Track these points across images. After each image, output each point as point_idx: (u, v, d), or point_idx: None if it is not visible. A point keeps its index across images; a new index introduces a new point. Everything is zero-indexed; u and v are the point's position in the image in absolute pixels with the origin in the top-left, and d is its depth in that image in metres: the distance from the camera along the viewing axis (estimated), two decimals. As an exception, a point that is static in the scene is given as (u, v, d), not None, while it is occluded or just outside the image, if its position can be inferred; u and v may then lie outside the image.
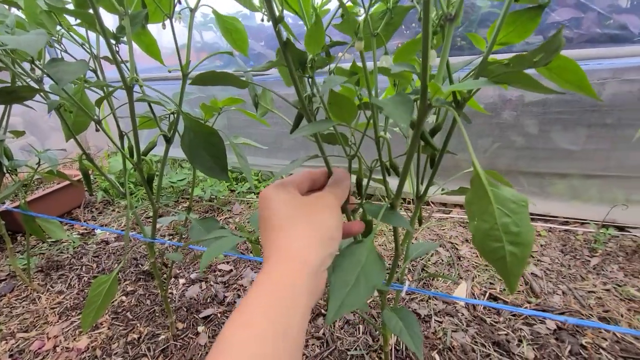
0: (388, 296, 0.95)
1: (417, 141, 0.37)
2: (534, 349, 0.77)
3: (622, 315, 0.87)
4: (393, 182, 0.46)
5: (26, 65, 0.59)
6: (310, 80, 0.44)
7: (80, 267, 1.23)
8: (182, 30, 0.61)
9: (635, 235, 1.18)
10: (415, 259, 1.16)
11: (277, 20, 0.38)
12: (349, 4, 0.44)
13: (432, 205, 1.49)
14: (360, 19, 0.39)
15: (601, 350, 0.76)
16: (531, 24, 0.41)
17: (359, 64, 0.42)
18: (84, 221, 1.57)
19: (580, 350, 0.76)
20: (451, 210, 1.46)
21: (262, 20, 0.41)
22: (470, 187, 0.32)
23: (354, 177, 0.48)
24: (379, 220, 0.41)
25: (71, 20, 0.61)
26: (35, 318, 1.00)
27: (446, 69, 0.41)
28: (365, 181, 0.49)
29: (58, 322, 0.98)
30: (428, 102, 0.33)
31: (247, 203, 1.64)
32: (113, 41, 0.58)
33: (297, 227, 0.30)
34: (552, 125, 1.23)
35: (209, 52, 1.81)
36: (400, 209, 1.43)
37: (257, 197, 1.72)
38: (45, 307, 1.04)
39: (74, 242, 1.36)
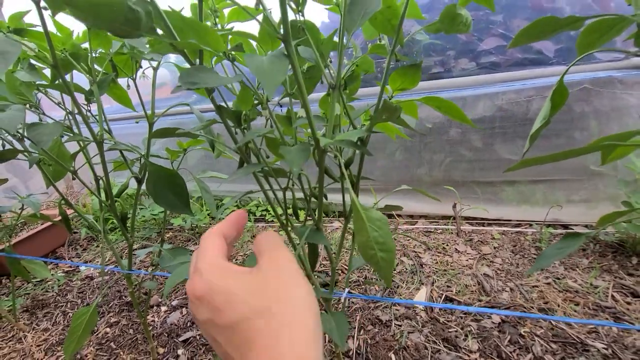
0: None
1: (322, 176, 0.48)
2: (478, 342, 0.86)
3: (558, 305, 0.97)
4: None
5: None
6: (244, 130, 0.55)
7: (65, 303, 1.28)
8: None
9: (577, 232, 1.31)
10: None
11: (210, 91, 0.49)
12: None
13: (397, 217, 1.59)
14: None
15: (535, 338, 0.86)
16: (417, 75, 0.54)
17: (295, 109, 0.54)
18: (69, 259, 1.62)
19: (518, 339, 0.86)
20: (417, 222, 1.57)
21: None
22: (352, 212, 0.42)
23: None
24: (305, 240, 0.51)
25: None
26: (21, 357, 1.04)
27: (348, 117, 0.53)
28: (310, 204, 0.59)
29: (44, 358, 1.03)
30: (322, 147, 0.44)
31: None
32: (84, 102, 0.69)
33: (279, 317, 0.22)
34: (494, 138, 1.37)
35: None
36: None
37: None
38: (31, 345, 1.08)
39: (58, 280, 1.41)
